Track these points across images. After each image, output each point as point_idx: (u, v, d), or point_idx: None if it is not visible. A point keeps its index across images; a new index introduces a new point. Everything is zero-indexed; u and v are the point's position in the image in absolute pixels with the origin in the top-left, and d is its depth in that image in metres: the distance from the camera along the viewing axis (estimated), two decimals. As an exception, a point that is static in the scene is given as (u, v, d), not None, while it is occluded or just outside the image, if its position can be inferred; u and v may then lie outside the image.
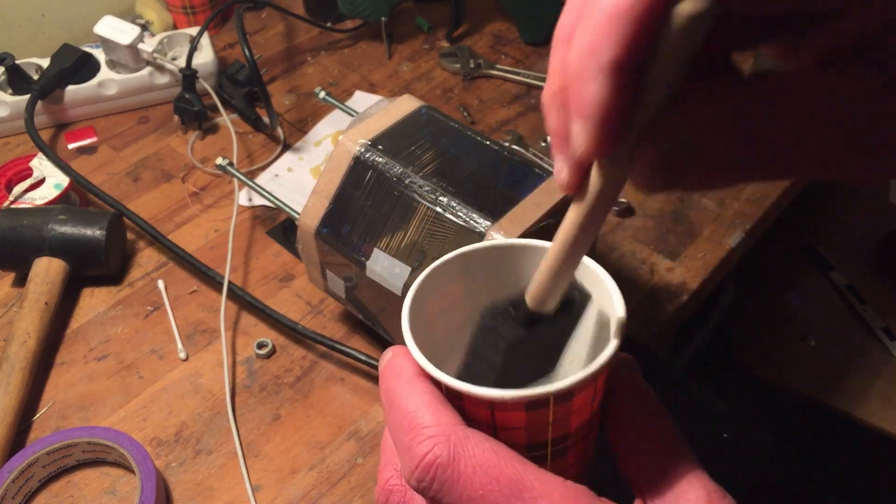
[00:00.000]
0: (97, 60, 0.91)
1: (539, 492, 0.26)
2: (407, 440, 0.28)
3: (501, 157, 0.59)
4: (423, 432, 0.27)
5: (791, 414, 1.15)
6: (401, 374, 0.30)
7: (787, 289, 1.14)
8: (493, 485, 0.26)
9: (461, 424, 0.28)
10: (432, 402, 0.28)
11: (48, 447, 0.59)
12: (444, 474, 0.26)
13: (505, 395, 0.27)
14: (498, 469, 0.26)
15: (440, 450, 0.27)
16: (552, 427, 0.29)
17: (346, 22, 1.05)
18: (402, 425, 0.28)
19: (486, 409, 0.28)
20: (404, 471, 0.28)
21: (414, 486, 0.27)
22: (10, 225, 0.71)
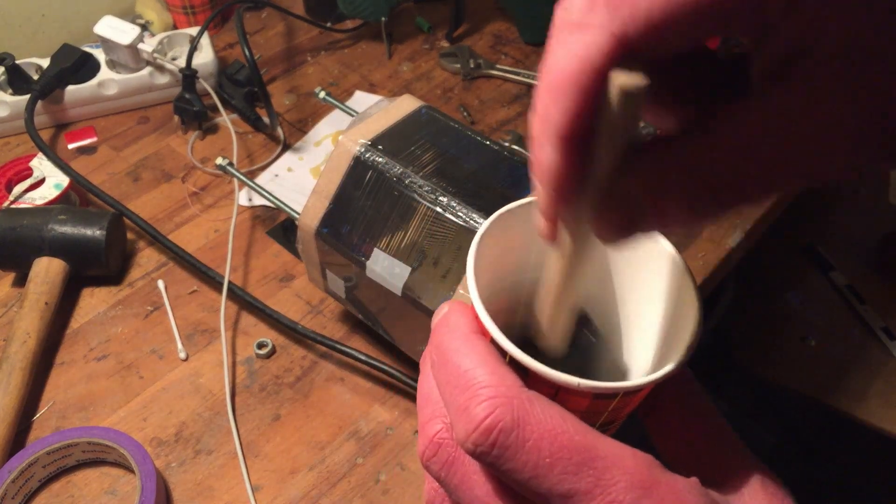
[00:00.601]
0: (97, 60, 0.91)
1: (610, 460, 0.24)
2: (463, 400, 0.26)
3: (501, 157, 0.59)
4: (481, 392, 0.25)
5: (791, 414, 1.15)
6: (456, 330, 0.28)
7: (787, 289, 1.14)
8: (562, 452, 0.24)
9: (523, 387, 0.26)
10: (491, 362, 0.27)
11: (48, 447, 0.59)
12: (506, 439, 0.25)
13: (579, 383, 0.26)
14: (567, 436, 0.25)
15: (502, 413, 0.25)
16: (608, 415, 0.28)
17: (346, 22, 1.05)
18: (457, 383, 0.26)
19: (551, 388, 0.27)
20: (458, 433, 0.26)
21: (469, 449, 0.25)
22: (10, 225, 0.71)
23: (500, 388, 0.25)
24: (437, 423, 0.28)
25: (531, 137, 0.25)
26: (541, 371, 0.26)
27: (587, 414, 0.28)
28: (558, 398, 0.27)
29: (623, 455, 0.25)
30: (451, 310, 0.29)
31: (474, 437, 0.25)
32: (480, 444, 0.25)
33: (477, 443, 0.25)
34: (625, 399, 0.28)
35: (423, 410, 0.29)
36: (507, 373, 0.26)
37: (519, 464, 0.25)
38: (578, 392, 0.27)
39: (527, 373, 0.27)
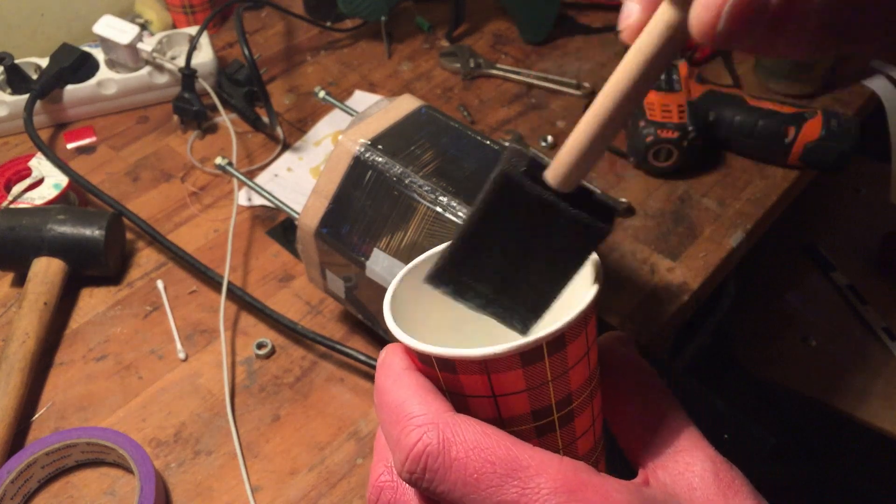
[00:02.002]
0: (96, 60, 0.91)
1: (535, 469, 0.25)
2: (396, 432, 0.27)
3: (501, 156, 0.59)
4: (411, 422, 0.27)
5: (791, 414, 1.14)
6: (390, 370, 0.29)
7: (788, 289, 1.14)
8: (486, 467, 0.25)
9: (450, 411, 0.27)
10: (420, 392, 0.28)
11: (47, 448, 0.58)
12: (435, 462, 0.26)
13: (497, 350, 0.26)
14: (490, 450, 0.26)
15: (429, 437, 0.26)
16: (553, 386, 0.28)
17: (345, 21, 1.04)
18: (392, 418, 0.28)
19: (482, 373, 0.27)
20: (396, 464, 0.27)
21: (406, 478, 0.27)
22: (9, 225, 0.71)
23: (428, 416, 0.27)
24: (380, 467, 0.30)
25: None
26: (466, 355, 0.27)
27: (531, 392, 0.28)
28: (493, 384, 0.27)
29: (549, 462, 0.25)
30: (387, 352, 0.31)
31: (408, 465, 0.26)
32: (413, 470, 0.26)
33: (410, 470, 0.26)
34: (556, 359, 0.27)
35: (374, 457, 0.31)
36: (435, 400, 0.28)
37: (449, 484, 0.26)
38: (506, 361, 0.27)
39: (454, 368, 0.28)
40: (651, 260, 0.77)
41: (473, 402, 0.28)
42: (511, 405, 0.28)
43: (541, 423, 0.29)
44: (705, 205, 0.82)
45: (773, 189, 0.84)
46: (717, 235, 0.79)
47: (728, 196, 0.83)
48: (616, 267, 0.76)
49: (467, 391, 0.28)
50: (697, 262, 0.76)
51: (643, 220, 0.80)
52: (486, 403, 0.28)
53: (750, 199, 0.83)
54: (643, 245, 0.78)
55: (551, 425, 0.29)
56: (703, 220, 0.80)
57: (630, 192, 0.83)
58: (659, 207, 0.82)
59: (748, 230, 0.80)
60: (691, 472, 0.28)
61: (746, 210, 0.81)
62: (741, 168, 0.86)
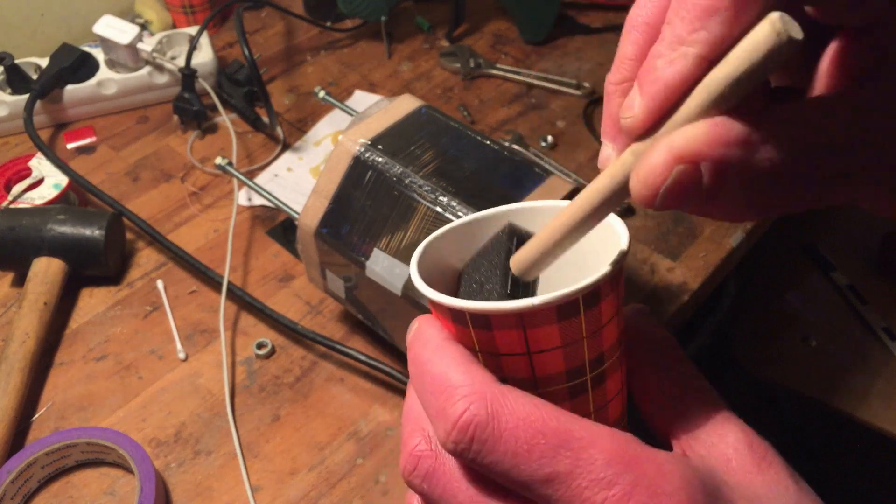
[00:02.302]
0: (96, 60, 0.91)
1: (587, 440, 0.25)
2: (439, 403, 0.26)
3: (501, 156, 0.59)
4: (455, 392, 0.26)
5: (791, 414, 1.14)
6: (428, 342, 0.29)
7: (788, 289, 1.14)
8: (538, 438, 0.25)
9: (495, 381, 0.27)
10: (462, 362, 0.27)
11: (47, 448, 0.58)
12: (483, 433, 0.25)
13: (535, 302, 0.26)
14: (542, 421, 0.25)
15: (477, 408, 0.25)
16: (587, 344, 0.28)
17: (345, 21, 1.04)
18: (433, 388, 0.27)
19: (518, 329, 0.27)
20: (439, 435, 0.26)
21: (451, 448, 0.26)
22: (9, 225, 0.71)
23: (473, 386, 0.26)
24: (415, 436, 0.29)
25: (651, 56, 0.24)
26: (502, 308, 0.27)
27: (567, 349, 0.28)
28: (529, 340, 0.27)
29: (600, 433, 0.25)
30: (421, 324, 0.30)
31: (453, 436, 0.26)
32: (459, 440, 0.26)
33: (456, 440, 0.26)
34: (592, 313, 0.27)
35: (404, 428, 0.30)
36: (479, 370, 0.27)
37: (498, 455, 0.25)
38: (543, 314, 0.27)
39: (489, 324, 0.27)
40: (651, 260, 0.77)
41: (508, 361, 0.28)
42: (546, 363, 0.28)
43: (574, 384, 0.29)
44: (705, 205, 0.82)
45: (773, 189, 0.84)
46: (717, 235, 0.79)
47: (728, 196, 0.83)
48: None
49: (502, 349, 0.28)
50: (697, 262, 0.76)
51: (643, 220, 0.80)
52: (521, 362, 0.28)
53: (750, 199, 0.83)
54: (643, 245, 0.78)
55: (584, 386, 0.29)
56: (703, 220, 0.80)
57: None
58: (659, 207, 0.82)
59: (748, 230, 0.80)
60: (725, 443, 0.28)
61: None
62: (741, 168, 0.86)
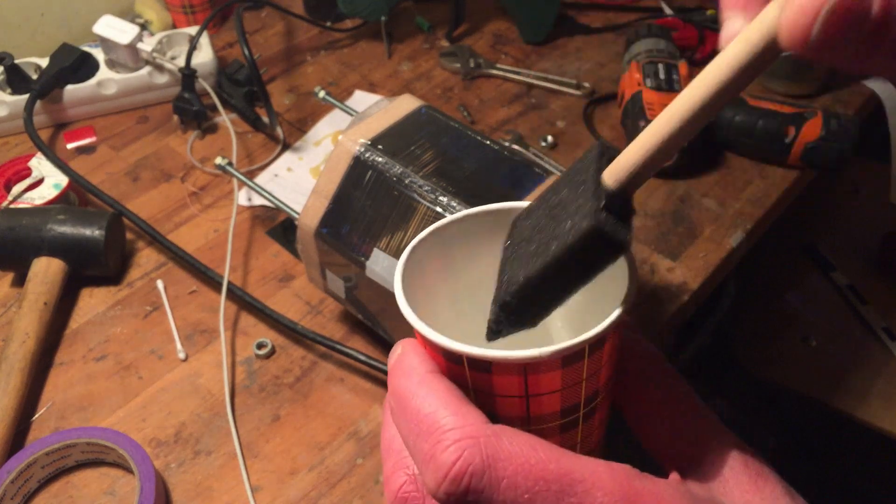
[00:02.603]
0: (96, 60, 0.91)
1: (589, 482, 0.23)
2: (428, 447, 0.24)
3: (501, 156, 0.59)
4: (446, 436, 0.24)
5: (791, 414, 1.15)
6: (412, 373, 0.27)
7: (788, 289, 1.14)
8: (539, 485, 0.23)
9: (487, 423, 0.25)
10: (452, 401, 0.25)
11: (47, 448, 0.58)
12: (479, 483, 0.23)
13: (542, 353, 0.25)
14: (541, 465, 0.24)
15: (471, 455, 0.23)
16: (586, 384, 0.27)
17: (345, 21, 1.04)
18: (420, 430, 0.25)
19: (520, 375, 0.26)
20: (428, 483, 0.24)
21: (442, 498, 0.24)
22: (9, 225, 0.71)
23: (465, 429, 0.24)
24: (400, 475, 0.27)
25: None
26: (507, 357, 0.25)
27: (565, 391, 0.27)
28: (530, 385, 0.26)
29: (599, 472, 0.24)
30: (404, 350, 0.28)
31: (445, 487, 0.24)
32: (452, 492, 0.24)
33: (449, 491, 0.24)
34: (594, 359, 0.27)
35: (386, 461, 0.28)
36: (469, 409, 0.25)
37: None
38: (547, 364, 0.25)
39: (489, 368, 0.26)
40: (651, 260, 0.76)
41: (502, 401, 0.27)
42: (542, 404, 0.27)
43: (567, 420, 0.28)
44: (705, 205, 0.82)
45: (773, 189, 0.84)
46: (717, 235, 0.79)
47: (728, 196, 0.83)
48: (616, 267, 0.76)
49: (498, 391, 0.26)
50: (697, 262, 0.76)
51: (643, 220, 0.80)
52: (517, 403, 0.27)
53: (750, 199, 0.83)
54: (643, 245, 0.78)
55: (575, 422, 0.28)
56: (703, 220, 0.80)
57: (630, 192, 0.83)
58: (659, 207, 0.82)
59: (748, 230, 0.80)
60: (721, 461, 0.27)
61: (746, 210, 0.81)
62: (741, 168, 0.86)
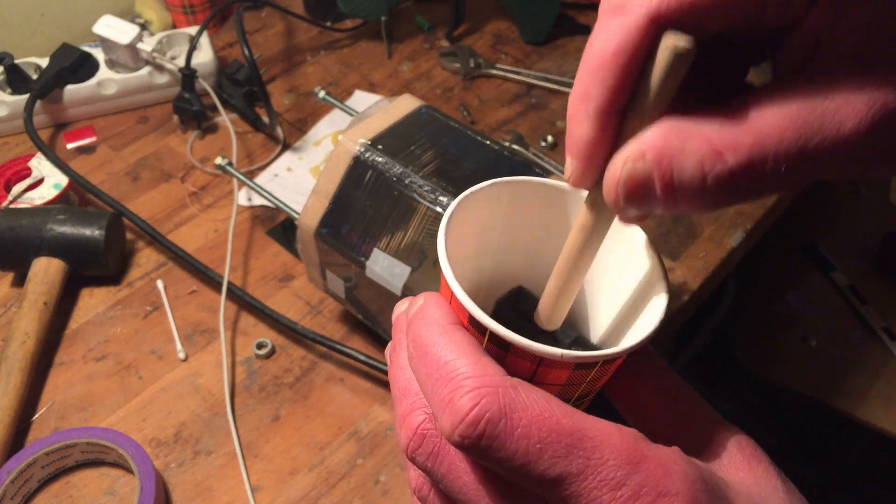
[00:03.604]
0: (96, 60, 0.91)
1: (598, 440, 0.25)
2: (446, 392, 0.25)
3: (501, 156, 0.59)
4: (465, 384, 0.25)
5: (791, 414, 1.15)
6: (434, 322, 0.28)
7: (788, 289, 1.14)
8: (551, 437, 0.24)
9: (506, 375, 0.26)
10: (472, 352, 0.26)
11: (47, 448, 0.58)
12: (494, 429, 0.24)
13: (563, 354, 0.26)
14: (555, 420, 0.25)
15: (489, 402, 0.25)
16: (585, 386, 0.29)
17: (345, 21, 1.04)
18: (439, 375, 0.26)
19: (532, 363, 0.27)
20: (443, 426, 0.25)
21: (456, 441, 0.25)
22: (9, 225, 0.71)
23: (484, 378, 0.25)
24: (419, 413, 0.28)
25: (568, 117, 0.26)
26: (525, 345, 0.26)
27: (565, 387, 0.28)
28: (538, 372, 0.27)
29: (610, 433, 0.25)
30: (427, 302, 0.29)
31: (461, 430, 0.25)
32: (468, 435, 0.25)
33: (464, 435, 0.25)
34: (602, 368, 0.28)
35: (402, 402, 0.29)
36: (489, 362, 0.26)
37: (509, 452, 0.25)
38: (561, 363, 0.27)
39: (507, 348, 0.27)
40: (651, 260, 0.76)
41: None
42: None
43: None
44: (705, 205, 0.82)
45: (773, 189, 0.84)
46: (717, 235, 0.79)
47: (728, 196, 0.83)
48: (616, 267, 0.76)
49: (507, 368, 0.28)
50: (697, 262, 0.76)
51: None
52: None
53: (750, 199, 0.83)
54: (643, 245, 0.78)
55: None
56: (703, 220, 0.80)
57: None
58: (659, 207, 0.82)
59: (748, 230, 0.80)
60: (714, 443, 0.28)
61: (746, 210, 0.81)
62: (741, 168, 0.86)
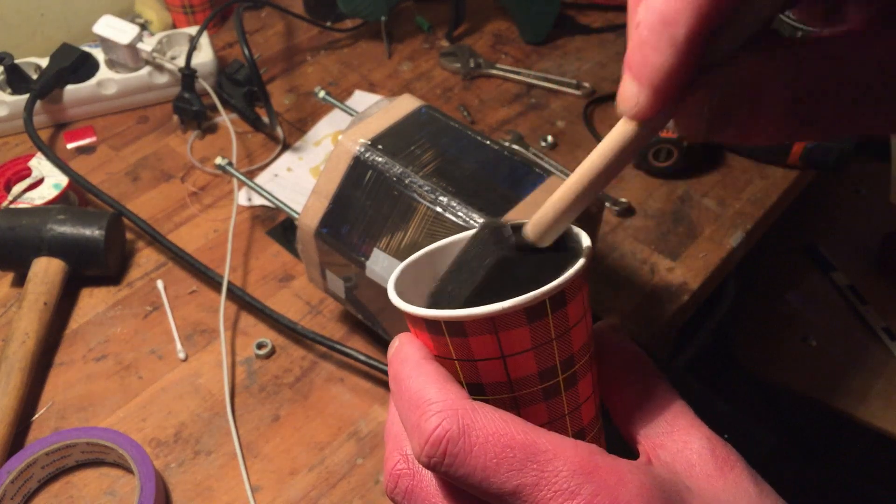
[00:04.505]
0: (96, 60, 0.91)
1: (552, 453, 0.26)
2: (415, 418, 0.28)
3: (501, 156, 0.59)
4: (430, 408, 0.27)
5: (791, 414, 1.14)
6: (407, 359, 0.30)
7: (788, 289, 1.13)
8: (506, 452, 0.26)
9: (468, 398, 0.28)
10: (438, 380, 0.29)
11: (47, 448, 0.58)
12: (455, 447, 0.26)
13: (504, 305, 0.28)
14: (510, 436, 0.26)
15: (449, 423, 0.27)
16: (557, 345, 0.29)
17: (345, 21, 1.04)
18: (410, 404, 0.28)
19: (491, 333, 0.28)
20: (414, 449, 0.28)
21: (424, 462, 0.27)
22: (9, 225, 0.71)
23: (447, 402, 0.27)
24: (395, 456, 0.30)
25: (640, 42, 0.23)
26: (475, 313, 0.28)
27: (538, 353, 0.29)
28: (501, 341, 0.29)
29: (564, 446, 0.26)
30: (401, 342, 0.31)
31: (427, 449, 0.27)
32: (432, 454, 0.27)
33: (429, 454, 0.27)
34: (558, 317, 0.29)
35: (386, 446, 0.31)
36: (453, 387, 0.28)
37: (469, 468, 0.26)
38: (513, 317, 0.28)
39: (464, 330, 0.29)
40: (651, 260, 0.76)
41: (484, 366, 0.29)
42: (519, 365, 0.29)
43: (547, 385, 0.30)
44: (705, 205, 0.82)
45: (773, 189, 0.84)
46: (717, 235, 0.79)
47: (728, 196, 0.83)
48: (616, 267, 0.76)
49: (477, 354, 0.29)
50: (697, 262, 0.76)
51: (643, 220, 0.80)
52: (496, 366, 0.29)
53: (750, 199, 0.83)
54: (643, 245, 0.78)
55: (557, 388, 0.30)
56: (703, 220, 0.80)
57: (630, 192, 0.83)
58: (659, 207, 0.82)
59: (748, 230, 0.80)
60: (689, 449, 0.29)
61: (746, 210, 0.81)
62: (741, 168, 0.86)
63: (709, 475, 0.29)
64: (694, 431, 0.30)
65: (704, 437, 0.30)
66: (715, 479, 0.28)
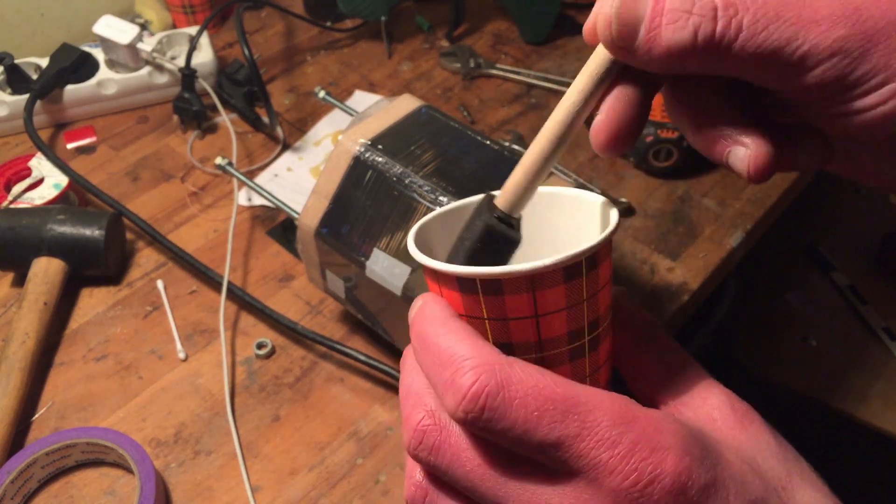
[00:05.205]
0: (96, 60, 0.91)
1: (592, 404, 0.27)
2: (448, 374, 0.28)
3: (501, 156, 0.59)
4: (464, 364, 0.27)
5: (791, 414, 1.14)
6: (433, 317, 0.30)
7: (789, 289, 1.14)
8: (547, 404, 0.26)
9: (501, 353, 0.28)
10: (469, 337, 0.29)
11: (47, 448, 0.58)
12: (494, 401, 0.27)
13: (546, 263, 0.28)
14: (549, 389, 0.27)
15: (487, 378, 0.27)
16: (587, 306, 0.30)
17: (345, 21, 1.04)
18: (440, 361, 0.28)
19: (528, 292, 0.29)
20: (448, 405, 0.28)
21: (461, 417, 0.27)
22: (9, 225, 0.71)
23: (482, 358, 0.28)
24: (419, 412, 0.30)
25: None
26: (515, 270, 0.28)
27: (570, 312, 0.30)
28: (537, 300, 0.29)
29: (602, 397, 0.27)
30: (425, 301, 0.31)
31: (464, 405, 0.27)
32: (470, 410, 0.27)
33: (467, 409, 0.27)
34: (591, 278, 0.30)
35: (405, 404, 0.31)
36: (484, 344, 0.29)
37: (509, 422, 0.27)
38: (551, 276, 0.28)
39: (501, 288, 0.29)
40: (651, 260, 0.76)
41: (515, 325, 0.30)
42: (551, 325, 0.30)
43: (574, 346, 0.30)
44: (705, 205, 0.82)
45: (773, 189, 0.84)
46: (717, 235, 0.79)
47: (728, 196, 0.83)
48: (616, 267, 0.76)
49: (510, 313, 0.29)
50: (697, 262, 0.76)
51: (643, 220, 0.80)
52: (528, 325, 0.29)
53: (750, 199, 0.83)
54: (643, 245, 0.78)
55: (582, 349, 0.31)
56: (703, 220, 0.80)
57: (630, 192, 0.83)
58: (659, 207, 0.82)
59: (748, 230, 0.80)
60: (709, 405, 0.31)
61: (746, 210, 0.81)
62: (741, 168, 0.86)
63: (731, 427, 0.30)
64: (712, 389, 0.31)
65: (723, 393, 0.31)
66: (737, 432, 0.30)
